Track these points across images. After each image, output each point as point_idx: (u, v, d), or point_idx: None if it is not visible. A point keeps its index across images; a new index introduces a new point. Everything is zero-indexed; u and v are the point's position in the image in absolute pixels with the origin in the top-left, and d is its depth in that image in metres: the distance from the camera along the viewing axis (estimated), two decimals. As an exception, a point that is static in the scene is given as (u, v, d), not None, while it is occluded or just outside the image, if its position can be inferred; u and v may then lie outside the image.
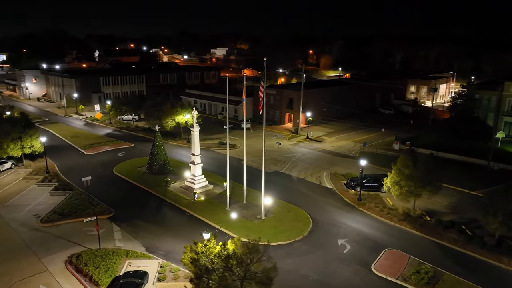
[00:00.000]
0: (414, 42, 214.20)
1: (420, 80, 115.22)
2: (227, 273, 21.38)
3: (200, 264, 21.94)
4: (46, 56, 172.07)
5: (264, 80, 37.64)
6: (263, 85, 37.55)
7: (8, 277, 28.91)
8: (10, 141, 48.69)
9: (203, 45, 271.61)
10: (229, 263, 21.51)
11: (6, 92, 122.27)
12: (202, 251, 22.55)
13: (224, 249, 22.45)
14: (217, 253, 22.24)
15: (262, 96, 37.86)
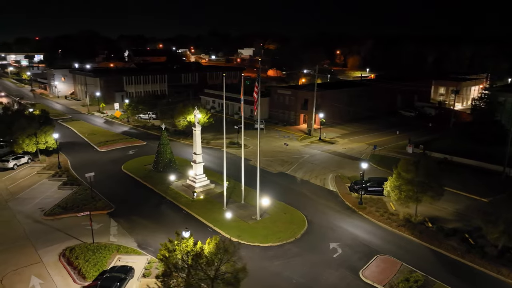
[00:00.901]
0: (446, 42, 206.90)
1: (450, 81, 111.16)
2: (193, 271, 21.49)
3: (170, 262, 22.18)
4: (79, 56, 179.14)
5: (258, 81, 37.31)
6: (258, 85, 37.20)
7: (4, 266, 30.34)
8: (26, 137, 51.01)
9: (232, 45, 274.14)
10: (198, 262, 21.61)
11: (38, 90, 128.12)
12: (174, 248, 22.78)
13: (194, 248, 22.57)
14: (188, 252, 22.39)
15: (256, 97, 37.48)
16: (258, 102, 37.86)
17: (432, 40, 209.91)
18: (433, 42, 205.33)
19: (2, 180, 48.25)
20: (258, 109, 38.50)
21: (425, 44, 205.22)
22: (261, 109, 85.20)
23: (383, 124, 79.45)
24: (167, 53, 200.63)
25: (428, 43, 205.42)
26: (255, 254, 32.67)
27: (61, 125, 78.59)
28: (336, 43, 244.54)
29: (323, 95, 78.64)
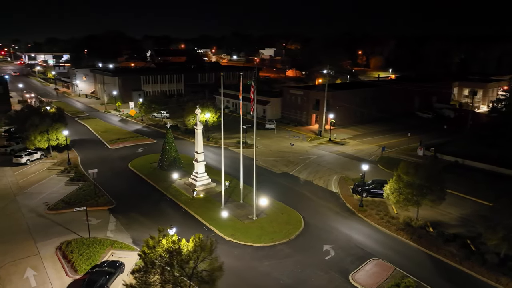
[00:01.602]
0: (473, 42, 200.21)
1: (475, 82, 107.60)
2: (169, 268, 21.66)
3: (147, 258, 22.44)
4: (103, 56, 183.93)
5: (255, 81, 37.17)
6: (254, 85, 37.09)
7: (3, 257, 31.48)
8: (38, 134, 52.75)
9: (253, 46, 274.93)
10: (175, 259, 21.76)
11: (61, 89, 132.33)
12: (154, 245, 23.02)
13: (174, 245, 22.73)
14: (167, 249, 22.58)
15: (252, 96, 37.38)
16: (254, 101, 37.56)
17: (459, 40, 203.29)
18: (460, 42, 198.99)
19: (14, 174, 50.10)
20: (254, 108, 38.18)
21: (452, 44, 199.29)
22: (273, 109, 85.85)
23: (397, 126, 77.74)
24: (187, 53, 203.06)
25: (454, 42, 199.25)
26: (247, 253, 32.62)
27: (78, 122, 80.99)
28: (358, 43, 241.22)
29: (335, 95, 77.68)
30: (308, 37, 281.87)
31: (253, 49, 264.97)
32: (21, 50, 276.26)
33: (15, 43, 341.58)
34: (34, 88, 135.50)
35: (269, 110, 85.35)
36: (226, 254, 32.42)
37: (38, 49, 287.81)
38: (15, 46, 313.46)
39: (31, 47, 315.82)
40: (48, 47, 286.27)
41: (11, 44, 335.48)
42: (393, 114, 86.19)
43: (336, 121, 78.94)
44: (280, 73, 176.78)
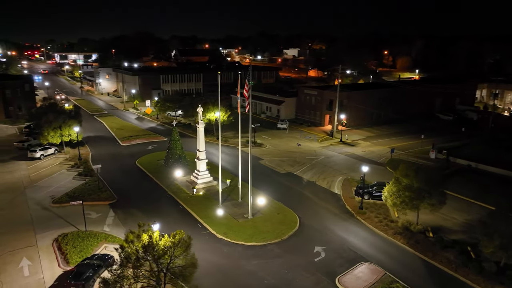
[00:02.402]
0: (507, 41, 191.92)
1: (506, 84, 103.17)
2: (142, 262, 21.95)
3: (125, 252, 22.84)
4: (130, 56, 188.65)
5: (249, 79, 37.05)
6: (248, 84, 36.99)
7: (3, 247, 32.84)
8: (51, 130, 54.69)
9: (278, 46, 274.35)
10: (149, 254, 22.04)
11: (86, 87, 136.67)
12: (132, 239, 23.41)
13: (149, 240, 23.02)
14: (144, 244, 22.90)
15: (247, 95, 37.29)
16: (249, 100, 37.43)
17: (493, 40, 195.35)
18: (495, 42, 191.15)
19: (27, 168, 52.18)
20: (250, 107, 38.04)
21: (485, 43, 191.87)
22: (287, 109, 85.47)
23: (414, 128, 75.52)
24: (210, 53, 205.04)
25: (488, 42, 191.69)
26: (236, 252, 32.60)
27: (95, 120, 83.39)
28: (385, 43, 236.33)
29: (349, 96, 76.42)
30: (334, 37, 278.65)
31: (278, 49, 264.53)
32: (53, 50, 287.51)
33: (50, 43, 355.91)
34: (61, 86, 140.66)
35: (283, 110, 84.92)
36: (215, 251, 32.67)
37: (70, 49, 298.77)
38: (48, 46, 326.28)
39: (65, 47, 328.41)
40: (80, 47, 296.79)
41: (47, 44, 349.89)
42: (412, 115, 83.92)
43: (350, 122, 77.74)
44: (301, 73, 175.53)
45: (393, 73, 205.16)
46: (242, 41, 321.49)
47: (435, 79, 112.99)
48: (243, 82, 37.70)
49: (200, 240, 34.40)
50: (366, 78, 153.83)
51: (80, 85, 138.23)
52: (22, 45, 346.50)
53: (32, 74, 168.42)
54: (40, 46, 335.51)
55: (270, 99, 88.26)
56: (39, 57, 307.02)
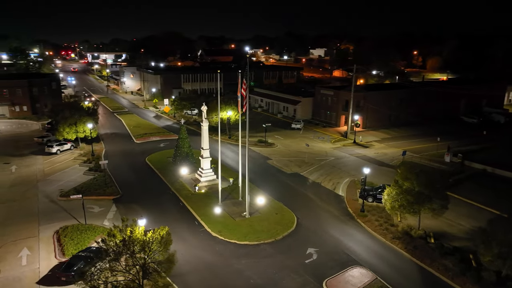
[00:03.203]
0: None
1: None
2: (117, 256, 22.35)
3: (104, 246, 23.34)
4: (157, 55, 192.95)
5: (247, 78, 36.93)
6: (246, 83, 36.88)
7: (7, 237, 34.35)
8: (67, 126, 56.69)
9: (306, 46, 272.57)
10: (125, 248, 22.43)
11: (112, 86, 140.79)
12: (114, 234, 23.87)
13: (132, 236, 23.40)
14: (123, 239, 23.31)
15: (244, 94, 37.18)
16: (246, 99, 37.34)
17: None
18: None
19: (43, 162, 54.32)
20: (247, 107, 37.92)
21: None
22: (303, 109, 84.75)
23: (433, 130, 72.92)
24: (235, 53, 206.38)
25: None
26: (228, 250, 32.60)
27: (115, 117, 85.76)
28: (416, 43, 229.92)
29: (365, 96, 74.84)
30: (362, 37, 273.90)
31: (304, 50, 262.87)
32: (85, 50, 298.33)
33: (84, 44, 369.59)
34: (89, 85, 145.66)
35: (299, 110, 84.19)
36: (207, 249, 32.82)
37: (102, 49, 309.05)
38: (80, 47, 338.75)
39: (96, 47, 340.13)
40: (111, 47, 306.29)
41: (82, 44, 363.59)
42: (433, 117, 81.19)
43: (367, 123, 76.16)
44: (325, 74, 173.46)
45: (422, 74, 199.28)
46: (270, 41, 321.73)
47: (462, 80, 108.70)
48: (265, 82, 37.64)
49: (195, 237, 34.72)
50: (393, 79, 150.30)
51: (106, 84, 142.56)
52: (60, 45, 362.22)
53: (64, 72, 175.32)
54: (76, 47, 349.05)
55: (287, 99, 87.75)
56: (74, 56, 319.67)
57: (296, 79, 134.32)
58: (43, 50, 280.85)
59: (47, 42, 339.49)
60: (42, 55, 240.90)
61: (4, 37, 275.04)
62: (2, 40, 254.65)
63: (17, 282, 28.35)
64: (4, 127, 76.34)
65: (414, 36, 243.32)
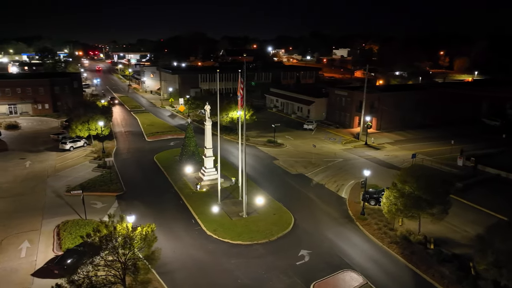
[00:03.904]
0: None
1: None
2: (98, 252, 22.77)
3: (89, 241, 23.83)
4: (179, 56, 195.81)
5: (244, 77, 36.82)
6: (243, 81, 36.79)
7: (11, 229, 35.62)
8: (80, 124, 58.29)
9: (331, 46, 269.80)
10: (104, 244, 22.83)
11: (134, 85, 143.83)
12: (99, 229, 24.34)
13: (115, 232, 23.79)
14: (106, 235, 23.73)
15: (242, 93, 37.11)
16: (244, 99, 37.25)
17: None
18: None
19: (56, 159, 56.06)
20: (244, 106, 37.77)
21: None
22: (317, 109, 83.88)
23: (450, 133, 70.47)
24: (256, 53, 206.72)
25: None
26: (220, 249, 32.62)
27: (132, 116, 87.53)
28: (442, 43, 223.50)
29: (380, 97, 73.27)
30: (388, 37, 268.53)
31: (328, 50, 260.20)
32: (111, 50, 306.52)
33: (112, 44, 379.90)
34: (112, 84, 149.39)
35: (313, 110, 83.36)
36: (200, 247, 32.97)
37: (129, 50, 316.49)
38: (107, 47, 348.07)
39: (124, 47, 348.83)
40: (137, 48, 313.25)
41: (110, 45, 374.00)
42: (452, 120, 78.58)
43: (382, 124, 74.60)
44: (346, 74, 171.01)
45: (449, 75, 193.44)
46: (293, 42, 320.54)
47: (487, 82, 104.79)
48: (283, 83, 37.63)
49: (190, 235, 34.96)
50: (416, 80, 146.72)
51: (128, 83, 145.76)
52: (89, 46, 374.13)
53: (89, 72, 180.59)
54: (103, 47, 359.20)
55: (301, 99, 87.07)
56: (102, 56, 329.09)
57: (315, 79, 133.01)
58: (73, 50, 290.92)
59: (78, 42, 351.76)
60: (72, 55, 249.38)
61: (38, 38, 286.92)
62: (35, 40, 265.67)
63: (13, 273, 29.34)
64: (26, 123, 79.30)
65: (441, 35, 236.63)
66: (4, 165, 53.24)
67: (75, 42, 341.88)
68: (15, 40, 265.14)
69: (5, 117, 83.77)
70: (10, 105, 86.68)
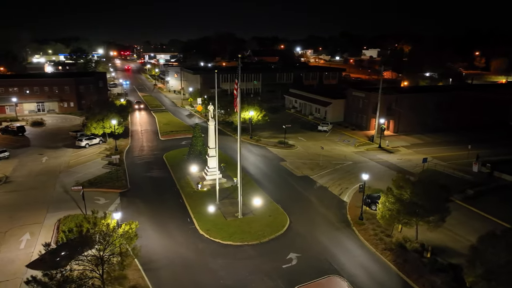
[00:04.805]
0: None
1: None
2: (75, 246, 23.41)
3: (70, 235, 24.58)
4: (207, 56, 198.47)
5: (238, 77, 36.71)
6: (237, 82, 36.69)
7: (16, 221, 37.29)
8: (95, 122, 60.24)
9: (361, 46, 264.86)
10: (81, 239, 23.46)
11: (159, 85, 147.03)
12: (81, 224, 25.06)
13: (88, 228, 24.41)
14: (88, 229, 24.39)
15: (236, 94, 37.03)
16: (238, 99, 37.16)
17: None
18: None
19: (71, 155, 58.17)
20: (238, 107, 37.72)
21: None
22: (335, 111, 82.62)
23: (471, 137, 67.42)
24: (281, 53, 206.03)
25: None
26: (209, 249, 32.74)
27: (151, 115, 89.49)
28: (479, 43, 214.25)
29: (397, 99, 71.13)
30: (422, 36, 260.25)
31: (358, 50, 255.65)
32: (144, 50, 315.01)
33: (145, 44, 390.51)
34: (139, 83, 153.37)
35: (330, 111, 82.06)
36: (190, 246, 33.23)
37: (161, 50, 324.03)
38: (138, 47, 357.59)
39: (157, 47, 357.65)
40: (168, 48, 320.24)
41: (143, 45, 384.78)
42: (477, 123, 75.10)
43: (400, 127, 72.48)
44: (373, 75, 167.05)
45: (484, 77, 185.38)
46: (323, 42, 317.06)
47: None
48: (304, 83, 37.61)
49: (183, 234, 35.29)
50: (447, 81, 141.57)
51: (154, 83, 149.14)
52: (123, 46, 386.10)
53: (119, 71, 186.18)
54: (135, 48, 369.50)
55: (318, 100, 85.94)
56: (135, 56, 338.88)
57: (338, 80, 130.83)
58: (107, 50, 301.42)
59: (113, 43, 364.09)
60: (106, 55, 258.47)
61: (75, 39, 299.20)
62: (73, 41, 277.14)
63: (10, 263, 30.70)
64: (51, 121, 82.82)
65: (477, 35, 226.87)
66: (23, 160, 55.81)
67: (110, 42, 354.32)
68: (53, 41, 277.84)
69: (33, 115, 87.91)
70: (38, 103, 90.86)
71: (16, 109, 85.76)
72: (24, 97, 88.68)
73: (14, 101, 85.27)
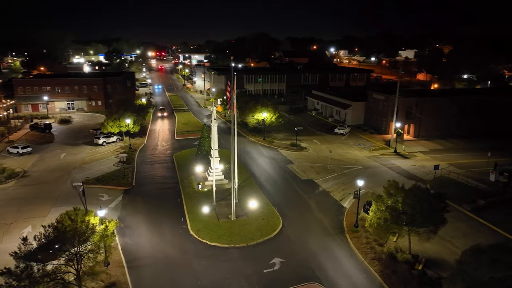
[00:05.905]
0: None
1: None
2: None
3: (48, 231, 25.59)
4: (238, 56, 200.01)
5: (233, 80, 36.64)
6: (230, 84, 36.61)
7: (23, 214, 39.34)
8: (111, 121, 62.37)
9: (398, 47, 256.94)
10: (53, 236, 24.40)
11: (188, 85, 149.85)
12: (62, 220, 26.05)
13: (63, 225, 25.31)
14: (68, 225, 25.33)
15: (229, 96, 36.98)
16: (232, 102, 37.17)
17: None
18: None
19: (87, 152, 60.56)
20: (234, 109, 37.64)
21: None
22: (354, 113, 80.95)
23: (495, 144, 63.42)
24: (312, 54, 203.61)
25: None
26: (195, 250, 32.96)
27: (173, 114, 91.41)
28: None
29: (417, 102, 68.36)
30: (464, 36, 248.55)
31: (395, 51, 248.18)
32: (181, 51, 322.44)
33: (183, 45, 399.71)
34: (169, 83, 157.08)
35: (350, 114, 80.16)
36: (176, 246, 33.65)
37: (197, 51, 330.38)
38: (172, 48, 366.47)
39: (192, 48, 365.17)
40: (203, 49, 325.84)
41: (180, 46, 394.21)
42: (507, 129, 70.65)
43: (420, 132, 69.66)
44: (406, 77, 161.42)
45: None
46: (359, 42, 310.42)
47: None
48: (330, 84, 37.64)
49: (173, 233, 35.78)
50: (485, 84, 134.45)
51: (183, 83, 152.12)
52: (161, 47, 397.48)
53: (152, 72, 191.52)
54: (171, 48, 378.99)
55: (338, 102, 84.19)
56: (171, 57, 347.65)
57: (366, 82, 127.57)
58: (145, 51, 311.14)
59: (152, 43, 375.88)
60: (142, 56, 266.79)
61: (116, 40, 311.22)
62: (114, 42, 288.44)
63: (7, 254, 32.36)
64: (78, 119, 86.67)
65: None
66: (43, 156, 58.77)
67: (150, 43, 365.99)
68: (96, 42, 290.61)
69: (63, 112, 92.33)
70: (69, 101, 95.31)
71: (47, 107, 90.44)
72: (55, 96, 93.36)
73: (46, 99, 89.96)
